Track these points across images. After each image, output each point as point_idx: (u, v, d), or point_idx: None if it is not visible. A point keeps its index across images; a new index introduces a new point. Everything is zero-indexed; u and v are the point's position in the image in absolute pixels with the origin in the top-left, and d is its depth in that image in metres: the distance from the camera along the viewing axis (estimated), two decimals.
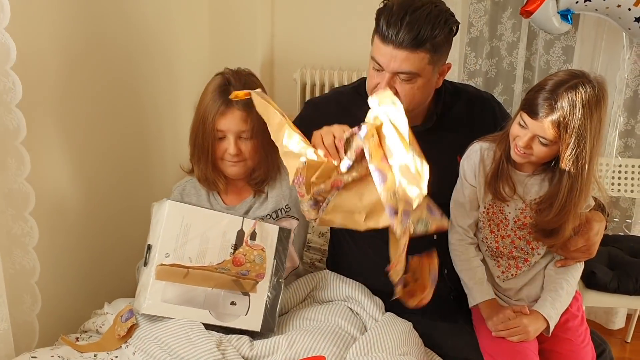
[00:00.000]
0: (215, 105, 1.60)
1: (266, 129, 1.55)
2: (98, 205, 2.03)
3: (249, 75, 1.68)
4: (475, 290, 1.68)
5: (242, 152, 1.63)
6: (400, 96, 1.62)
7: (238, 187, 1.76)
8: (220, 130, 1.61)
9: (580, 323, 1.71)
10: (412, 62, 1.58)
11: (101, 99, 2.02)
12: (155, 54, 2.35)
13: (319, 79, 2.94)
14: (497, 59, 2.97)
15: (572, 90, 1.44)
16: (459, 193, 1.71)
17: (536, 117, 1.48)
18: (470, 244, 1.70)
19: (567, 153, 1.46)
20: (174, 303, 1.50)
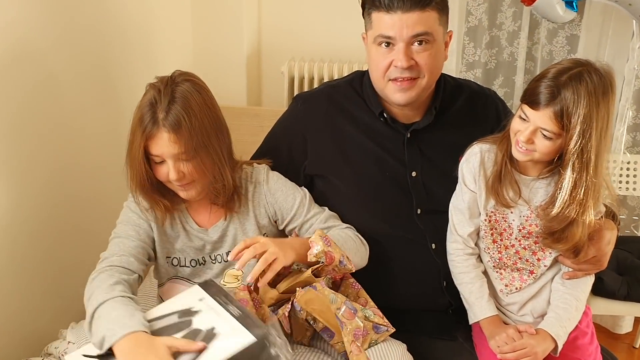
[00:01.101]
0: (141, 127, 1.43)
1: (209, 143, 1.47)
2: (64, 213, 1.93)
3: (181, 84, 1.46)
4: (476, 306, 1.59)
5: (185, 175, 1.47)
6: (421, 65, 1.58)
7: (206, 207, 1.61)
8: (155, 155, 1.45)
9: (590, 341, 1.62)
10: (425, 22, 1.54)
11: (66, 98, 1.91)
12: (134, 47, 2.26)
13: (308, 72, 2.88)
14: (497, 50, 2.91)
15: (577, 78, 1.38)
16: (458, 199, 1.63)
17: (537, 107, 1.41)
18: (470, 254, 1.61)
19: (571, 145, 1.39)
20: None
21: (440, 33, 1.59)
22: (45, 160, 1.83)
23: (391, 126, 1.71)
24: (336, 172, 1.74)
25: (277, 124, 1.84)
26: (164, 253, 1.60)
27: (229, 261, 1.57)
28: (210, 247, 1.61)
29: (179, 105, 1.42)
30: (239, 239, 1.59)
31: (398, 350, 1.51)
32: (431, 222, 1.69)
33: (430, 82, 1.62)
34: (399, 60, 1.56)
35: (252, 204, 1.61)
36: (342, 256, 1.49)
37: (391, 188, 1.71)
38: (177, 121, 1.41)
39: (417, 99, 1.64)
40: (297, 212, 1.63)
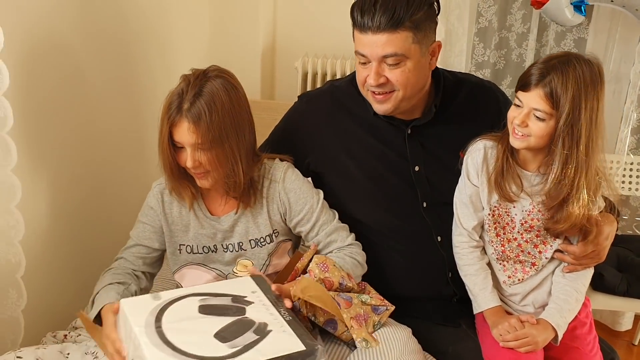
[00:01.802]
0: (167, 114, 1.51)
1: (228, 137, 1.52)
2: (88, 199, 1.99)
3: (212, 80, 1.51)
4: (480, 297, 1.64)
5: (201, 164, 1.53)
6: (392, 82, 1.60)
7: (221, 197, 1.66)
8: (177, 141, 1.52)
9: (588, 331, 1.66)
10: (394, 44, 1.55)
11: (94, 88, 1.97)
12: (152, 42, 2.31)
13: (321, 68, 2.93)
14: (506, 50, 2.94)
15: (565, 61, 1.45)
16: (462, 193, 1.67)
17: (528, 88, 1.47)
18: (475, 247, 1.66)
19: (561, 122, 1.44)
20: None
21: (415, 51, 1.58)
22: (72, 150, 1.91)
23: (391, 123, 1.74)
24: (341, 168, 1.77)
25: (282, 120, 1.87)
26: (175, 242, 1.66)
27: (241, 251, 1.65)
28: (221, 236, 1.65)
29: (203, 100, 1.48)
30: (250, 231, 1.64)
31: (403, 333, 1.57)
32: (436, 215, 1.73)
33: (407, 94, 1.63)
34: (370, 78, 1.60)
35: (266, 200, 1.64)
36: (342, 277, 1.54)
37: (396, 183, 1.75)
38: (198, 114, 1.47)
39: (395, 109, 1.67)
40: (304, 217, 1.65)
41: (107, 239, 1.86)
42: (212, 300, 1.40)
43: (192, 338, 1.29)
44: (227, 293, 1.43)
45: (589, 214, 1.51)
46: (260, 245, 1.65)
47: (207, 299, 1.40)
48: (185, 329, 1.32)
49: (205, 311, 1.37)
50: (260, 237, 1.64)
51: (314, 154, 1.78)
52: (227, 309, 1.38)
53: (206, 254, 1.67)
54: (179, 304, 1.39)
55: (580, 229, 1.55)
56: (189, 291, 1.43)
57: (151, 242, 1.66)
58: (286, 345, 1.30)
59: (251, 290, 1.44)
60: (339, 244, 1.65)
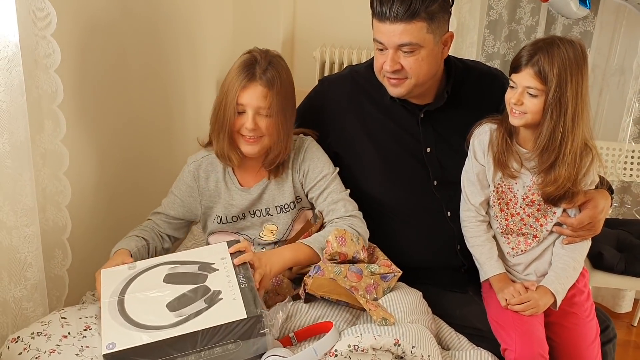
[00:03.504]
0: (239, 79, 1.61)
1: (285, 110, 1.65)
2: (127, 168, 2.11)
3: (276, 57, 1.68)
4: (486, 265, 1.73)
5: (259, 128, 1.64)
6: (406, 70, 1.70)
7: (254, 169, 1.76)
8: (241, 104, 1.62)
9: (586, 299, 1.75)
10: (410, 33, 1.64)
11: (132, 67, 2.09)
12: (181, 31, 2.40)
13: (339, 57, 2.99)
14: (515, 42, 3.00)
15: (550, 42, 1.58)
16: (469, 172, 1.76)
17: (519, 69, 1.59)
18: (482, 221, 1.76)
19: (550, 96, 1.55)
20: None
21: (429, 40, 1.67)
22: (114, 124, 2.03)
23: (406, 107, 1.82)
24: (359, 148, 1.86)
25: (303, 102, 1.95)
26: (211, 213, 1.78)
27: (267, 216, 1.77)
28: (250, 204, 1.76)
29: (275, 70, 1.63)
30: (276, 198, 1.76)
31: (415, 296, 1.67)
32: (446, 193, 1.82)
33: (419, 80, 1.72)
34: (386, 64, 1.69)
35: (291, 170, 1.75)
36: (356, 252, 1.64)
37: (409, 162, 1.84)
38: (271, 80, 1.61)
39: (409, 94, 1.76)
40: (317, 183, 1.75)
41: (143, 205, 1.96)
42: (180, 269, 1.48)
43: (146, 307, 1.37)
44: (197, 260, 1.49)
45: (575, 178, 1.62)
46: (285, 211, 1.77)
47: (176, 268, 1.48)
48: (143, 299, 1.40)
49: (169, 280, 1.45)
50: (285, 204, 1.76)
51: (334, 135, 1.87)
52: (189, 277, 1.45)
53: (235, 222, 1.78)
54: (149, 273, 1.48)
55: (572, 196, 1.65)
56: (162, 260, 1.52)
57: (177, 213, 1.78)
58: (229, 313, 1.34)
59: (221, 257, 1.50)
60: (341, 213, 1.72)
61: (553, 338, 1.70)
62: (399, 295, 1.64)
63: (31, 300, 1.60)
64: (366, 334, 1.41)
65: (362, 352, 1.38)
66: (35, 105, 1.55)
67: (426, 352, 1.44)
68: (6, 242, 1.52)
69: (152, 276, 1.47)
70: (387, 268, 1.68)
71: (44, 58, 1.55)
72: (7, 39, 1.41)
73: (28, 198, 1.53)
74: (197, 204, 1.78)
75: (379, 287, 1.63)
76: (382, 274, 1.65)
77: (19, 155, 1.49)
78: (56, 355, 1.42)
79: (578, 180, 1.63)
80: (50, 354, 1.43)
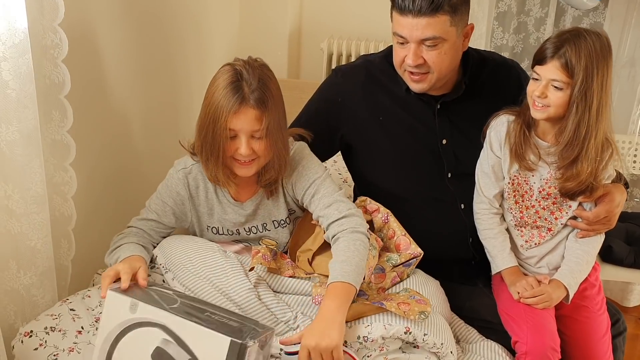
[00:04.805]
0: (228, 102, 1.46)
1: (279, 126, 1.52)
2: (132, 160, 2.12)
3: (262, 67, 1.53)
4: (498, 258, 1.72)
5: (254, 152, 1.52)
6: (429, 64, 1.66)
7: (247, 183, 1.65)
8: (232, 129, 1.49)
9: (597, 292, 1.74)
10: (434, 27, 1.61)
11: (137, 59, 2.09)
12: (187, 24, 2.40)
13: (346, 49, 2.99)
14: (524, 35, 3.00)
15: (576, 34, 1.54)
16: (484, 163, 1.74)
17: (545, 61, 1.55)
18: (495, 214, 1.74)
19: (576, 90, 1.52)
20: None
21: (452, 33, 1.64)
22: (121, 116, 2.03)
23: (422, 99, 1.79)
24: (373, 139, 1.83)
25: (316, 93, 1.91)
26: (203, 223, 1.70)
27: (265, 232, 1.70)
28: (244, 220, 1.67)
29: (265, 87, 1.48)
30: (272, 213, 1.68)
31: (434, 284, 1.66)
32: (460, 185, 1.80)
33: (442, 75, 1.69)
34: (409, 58, 1.65)
35: (283, 182, 1.65)
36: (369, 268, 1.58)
37: (424, 154, 1.81)
38: (263, 99, 1.47)
39: (430, 88, 1.73)
40: (307, 191, 1.63)
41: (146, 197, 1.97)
42: (171, 349, 1.32)
43: None
44: (191, 349, 1.30)
45: (596, 172, 1.60)
46: (282, 227, 1.71)
47: (169, 345, 1.32)
48: None
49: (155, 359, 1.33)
50: (281, 220, 1.70)
51: (348, 126, 1.84)
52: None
53: (231, 235, 1.72)
54: (143, 332, 1.34)
55: (591, 191, 1.63)
56: (162, 319, 1.33)
57: (170, 221, 1.69)
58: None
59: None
60: (335, 217, 1.58)
61: (564, 331, 1.69)
62: (417, 284, 1.64)
63: (41, 288, 1.61)
64: (376, 324, 1.41)
65: (372, 342, 1.38)
66: (42, 95, 1.55)
67: (439, 339, 1.43)
68: (15, 229, 1.52)
69: (144, 338, 1.34)
70: (407, 253, 1.64)
71: (51, 48, 1.54)
72: (15, 27, 1.40)
73: (38, 186, 1.53)
74: (187, 212, 1.68)
75: (403, 273, 1.63)
76: (404, 262, 1.64)
77: (28, 144, 1.48)
78: (75, 354, 1.44)
79: (598, 175, 1.61)
80: (69, 352, 1.44)
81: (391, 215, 1.74)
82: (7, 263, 1.55)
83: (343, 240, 1.52)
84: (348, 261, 1.47)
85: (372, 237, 1.64)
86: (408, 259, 1.65)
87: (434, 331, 1.43)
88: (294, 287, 1.57)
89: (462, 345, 1.64)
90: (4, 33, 1.38)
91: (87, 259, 1.84)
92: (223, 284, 1.50)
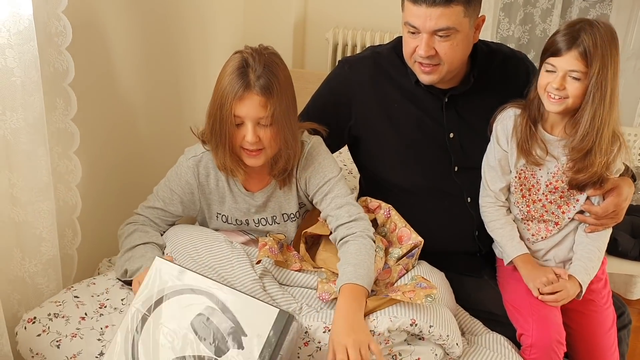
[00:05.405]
0: (233, 89, 1.46)
1: (287, 115, 1.52)
2: (136, 146, 2.12)
3: (270, 55, 1.53)
4: (508, 247, 1.71)
5: (260, 140, 1.51)
6: (441, 55, 1.64)
7: (259, 173, 1.65)
8: (238, 116, 1.49)
9: (604, 286, 1.74)
10: (448, 17, 1.58)
11: (141, 48, 2.08)
12: (190, 10, 2.40)
13: (351, 40, 2.99)
14: (530, 26, 2.99)
15: (589, 23, 1.53)
16: (490, 157, 1.73)
17: (561, 53, 1.53)
18: (501, 207, 1.74)
19: (593, 80, 1.51)
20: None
21: (465, 24, 1.61)
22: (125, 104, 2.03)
23: (430, 92, 1.78)
24: (381, 132, 1.81)
25: (323, 85, 1.89)
26: (213, 210, 1.70)
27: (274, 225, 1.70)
28: (254, 210, 1.68)
29: (272, 74, 1.48)
30: (283, 206, 1.68)
31: (438, 276, 1.66)
32: (467, 178, 1.79)
33: (452, 67, 1.67)
34: (421, 49, 1.63)
35: (297, 175, 1.66)
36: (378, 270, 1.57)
37: (431, 147, 1.80)
38: (269, 87, 1.46)
39: (440, 80, 1.71)
40: (320, 188, 1.64)
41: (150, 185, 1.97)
42: (215, 316, 1.33)
43: (155, 350, 1.30)
44: (237, 318, 1.32)
45: (607, 163, 1.59)
46: (292, 220, 1.71)
47: (214, 312, 1.33)
48: (155, 342, 1.31)
49: (196, 324, 1.33)
50: (291, 213, 1.70)
51: (355, 118, 1.83)
52: (215, 334, 1.31)
53: (239, 226, 1.71)
54: (188, 298, 1.35)
55: (601, 183, 1.62)
56: (213, 287, 1.36)
57: (177, 210, 1.69)
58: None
59: (257, 333, 1.31)
60: (344, 219, 1.59)
61: (570, 325, 1.69)
62: (429, 272, 1.64)
63: (45, 276, 1.61)
64: (382, 317, 1.40)
65: (378, 335, 1.38)
66: (47, 83, 1.54)
67: (445, 331, 1.43)
68: (20, 218, 1.53)
69: (187, 304, 1.35)
70: (408, 244, 1.65)
71: (55, 35, 1.54)
72: (19, 14, 1.39)
73: (43, 174, 1.53)
74: (196, 201, 1.68)
75: (408, 265, 1.63)
76: (406, 254, 1.64)
77: (33, 132, 1.48)
78: (78, 340, 1.45)
79: (610, 166, 1.60)
80: (72, 338, 1.45)
81: (392, 210, 1.73)
82: (11, 251, 1.55)
83: (354, 244, 1.54)
84: (360, 264, 1.48)
85: (378, 239, 1.64)
86: (409, 249, 1.64)
87: (439, 323, 1.43)
88: (300, 280, 1.57)
89: (467, 337, 1.64)
90: (8, 19, 1.38)
91: (93, 247, 1.85)
92: (228, 274, 1.50)
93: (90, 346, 1.43)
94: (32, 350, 1.44)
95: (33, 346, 1.44)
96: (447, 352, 1.48)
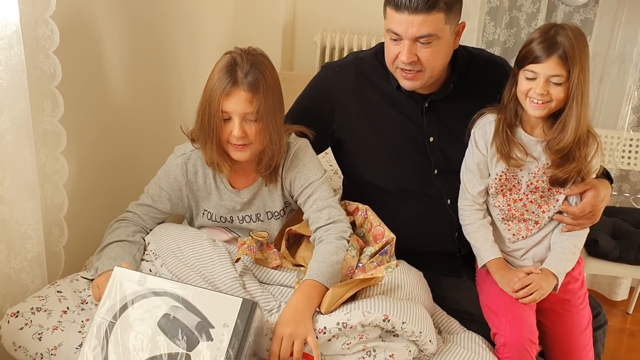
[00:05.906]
0: (221, 85, 1.53)
1: (273, 112, 1.57)
2: (124, 147, 2.14)
3: (258, 55, 1.59)
4: (482, 250, 1.74)
5: (247, 135, 1.57)
6: (422, 62, 1.67)
7: (246, 171, 1.70)
8: (226, 112, 1.55)
9: (580, 286, 1.77)
10: (429, 24, 1.61)
11: (128, 50, 2.10)
12: (178, 12, 2.41)
13: (339, 43, 2.99)
14: (515, 29, 3.00)
15: (562, 28, 1.57)
16: (469, 161, 1.75)
17: (541, 60, 1.56)
18: (478, 210, 1.76)
19: (575, 81, 1.55)
20: None
21: (446, 31, 1.64)
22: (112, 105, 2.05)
23: (411, 96, 1.80)
24: (362, 136, 1.85)
25: (306, 89, 1.92)
26: (200, 207, 1.74)
27: (258, 222, 1.74)
28: (239, 207, 1.71)
29: (258, 71, 1.54)
30: (267, 204, 1.72)
31: (415, 275, 1.68)
32: (447, 181, 1.82)
33: (433, 73, 1.70)
34: (403, 55, 1.64)
35: (283, 174, 1.70)
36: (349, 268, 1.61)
37: (412, 151, 1.83)
38: (255, 83, 1.53)
39: (422, 86, 1.73)
40: (304, 190, 1.69)
41: (139, 186, 1.98)
42: (180, 313, 1.35)
43: (125, 354, 1.32)
44: (202, 312, 1.35)
45: (587, 155, 1.63)
46: (276, 218, 1.75)
47: (178, 310, 1.35)
48: (129, 339, 1.33)
49: (162, 324, 1.34)
50: (276, 211, 1.73)
51: (338, 122, 1.86)
52: (183, 331, 1.33)
53: (223, 223, 1.75)
54: (151, 302, 1.36)
55: (582, 177, 1.65)
56: (175, 287, 1.38)
57: (165, 207, 1.73)
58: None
59: (224, 323, 1.34)
60: (323, 222, 1.64)
61: (545, 324, 1.72)
62: (399, 274, 1.65)
63: (31, 272, 1.64)
64: (355, 311, 1.43)
65: (350, 328, 1.40)
66: (34, 85, 1.57)
67: (418, 328, 1.45)
68: (6, 215, 1.55)
69: (152, 306, 1.36)
70: (382, 243, 1.67)
71: (43, 39, 1.56)
72: (6, 19, 1.42)
73: (29, 173, 1.56)
74: (184, 197, 1.72)
75: (382, 261, 1.65)
76: (378, 251, 1.66)
77: (19, 132, 1.51)
78: (59, 332, 1.47)
79: (589, 161, 1.64)
80: (53, 331, 1.47)
81: (369, 210, 1.77)
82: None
83: (325, 244, 1.60)
84: (325, 262, 1.54)
85: (353, 239, 1.67)
86: (382, 246, 1.67)
87: (412, 319, 1.45)
88: (278, 279, 1.61)
89: (444, 335, 1.67)
90: None
91: (80, 245, 1.87)
92: (209, 272, 1.54)
93: (70, 337, 1.46)
94: (15, 343, 1.47)
95: (16, 339, 1.47)
96: (421, 348, 1.50)
